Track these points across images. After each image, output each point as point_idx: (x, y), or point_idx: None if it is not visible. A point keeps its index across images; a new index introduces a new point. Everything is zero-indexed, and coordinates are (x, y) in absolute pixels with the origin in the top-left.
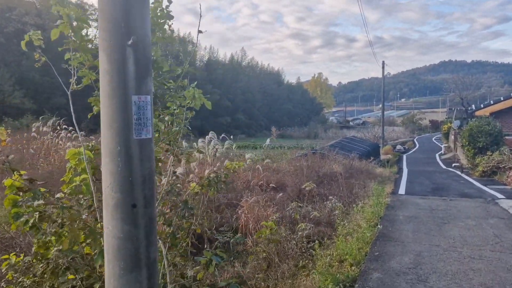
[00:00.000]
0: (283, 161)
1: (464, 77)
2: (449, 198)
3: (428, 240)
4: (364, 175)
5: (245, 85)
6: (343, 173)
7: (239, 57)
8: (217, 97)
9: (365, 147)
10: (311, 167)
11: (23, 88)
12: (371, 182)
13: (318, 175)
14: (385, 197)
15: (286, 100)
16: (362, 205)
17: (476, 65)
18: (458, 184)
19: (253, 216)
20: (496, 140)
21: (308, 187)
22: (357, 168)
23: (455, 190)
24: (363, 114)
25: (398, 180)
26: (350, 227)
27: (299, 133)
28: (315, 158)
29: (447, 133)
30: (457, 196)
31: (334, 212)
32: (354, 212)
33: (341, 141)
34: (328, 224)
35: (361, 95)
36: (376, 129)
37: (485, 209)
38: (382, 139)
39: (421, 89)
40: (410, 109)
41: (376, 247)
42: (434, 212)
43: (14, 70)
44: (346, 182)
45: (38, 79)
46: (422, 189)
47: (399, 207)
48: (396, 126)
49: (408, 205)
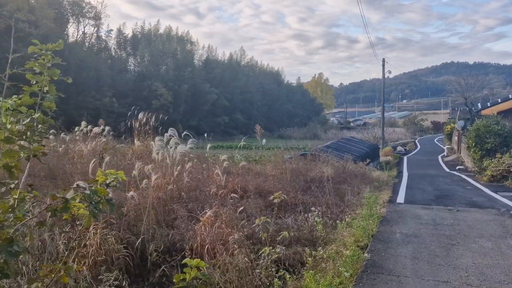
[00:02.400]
0: (269, 164)
1: (467, 77)
2: (456, 208)
3: (433, 272)
4: (358, 179)
5: (243, 85)
6: (335, 178)
7: (238, 56)
8: (214, 96)
9: (363, 148)
10: (297, 170)
11: (15, 87)
12: (367, 188)
13: (306, 180)
14: (381, 206)
15: (286, 100)
16: (353, 216)
17: (478, 67)
18: (464, 190)
19: (211, 234)
20: (506, 141)
21: (277, 199)
22: (351, 172)
23: (462, 198)
24: (364, 115)
25: (397, 185)
26: (333, 248)
27: (299, 133)
28: (306, 161)
29: (450, 134)
30: (465, 205)
31: (317, 227)
32: (341, 227)
33: (337, 141)
34: (309, 242)
35: (363, 96)
36: (376, 129)
37: (501, 224)
38: (382, 140)
39: (422, 91)
40: (411, 110)
41: (362, 285)
42: (439, 228)
43: (4, 67)
44: (337, 187)
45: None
46: (424, 196)
47: (396, 221)
48: (397, 127)
49: (407, 218)
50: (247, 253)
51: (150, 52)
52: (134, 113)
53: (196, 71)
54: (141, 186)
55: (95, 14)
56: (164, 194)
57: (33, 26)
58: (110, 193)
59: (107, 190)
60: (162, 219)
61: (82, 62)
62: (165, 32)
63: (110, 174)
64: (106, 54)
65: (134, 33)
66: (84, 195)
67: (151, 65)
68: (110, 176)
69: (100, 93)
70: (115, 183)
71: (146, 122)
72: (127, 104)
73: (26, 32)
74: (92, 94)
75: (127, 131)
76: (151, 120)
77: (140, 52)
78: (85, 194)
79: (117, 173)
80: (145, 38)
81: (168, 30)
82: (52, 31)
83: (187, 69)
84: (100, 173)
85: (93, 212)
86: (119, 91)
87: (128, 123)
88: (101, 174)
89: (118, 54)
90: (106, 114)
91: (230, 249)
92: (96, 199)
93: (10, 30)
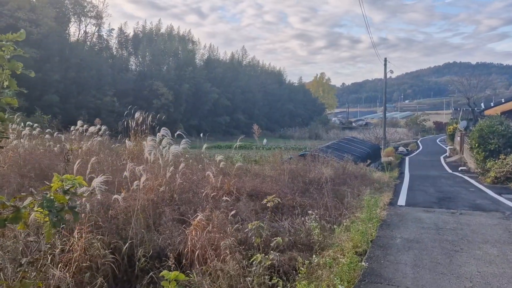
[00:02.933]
0: (268, 164)
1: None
2: (459, 211)
3: (435, 282)
4: (359, 180)
5: (245, 85)
6: (335, 179)
7: (239, 56)
8: (216, 96)
9: (365, 148)
10: (296, 171)
11: None
12: (367, 189)
13: (304, 181)
14: (381, 209)
15: (288, 100)
16: (352, 219)
17: (480, 67)
18: (467, 192)
19: (202, 239)
20: (510, 142)
21: (270, 203)
22: (352, 173)
23: (465, 201)
24: (366, 115)
25: (399, 186)
26: (330, 254)
27: (300, 133)
28: (305, 161)
29: (452, 134)
30: (468, 208)
31: (313, 231)
32: (338, 232)
33: (338, 142)
34: (306, 247)
35: (365, 96)
36: (377, 130)
37: (507, 229)
38: (383, 140)
39: (425, 91)
40: (413, 111)
41: None
42: (442, 233)
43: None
44: (337, 189)
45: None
46: (426, 198)
47: (397, 225)
48: (399, 127)
49: (408, 222)
50: (239, 260)
51: (151, 52)
52: (131, 112)
53: (197, 70)
54: (132, 188)
55: (96, 13)
56: (156, 196)
57: (34, 25)
58: (82, 199)
59: (75, 198)
60: (152, 223)
61: (83, 61)
62: (166, 32)
63: (67, 180)
64: (107, 54)
65: (136, 32)
66: (40, 203)
67: (152, 65)
68: (67, 182)
69: (100, 92)
70: (74, 190)
71: (143, 121)
72: (128, 104)
73: (27, 31)
74: (92, 94)
75: (124, 131)
76: (148, 119)
77: (141, 52)
78: (40, 202)
79: (75, 178)
80: (146, 38)
81: (170, 30)
82: (53, 30)
83: (188, 69)
84: (56, 178)
85: (53, 222)
86: (120, 91)
87: (125, 122)
88: (56, 179)
89: (119, 54)
90: (106, 114)
91: (221, 254)
92: (57, 207)
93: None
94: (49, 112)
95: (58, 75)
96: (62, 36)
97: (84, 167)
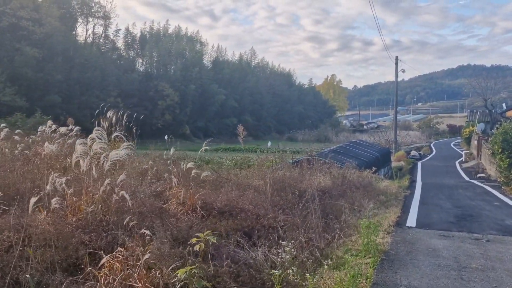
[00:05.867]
0: (256, 172)
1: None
2: (486, 236)
3: None
4: (361, 192)
5: (253, 86)
6: (332, 190)
7: (248, 57)
8: (223, 97)
9: (373, 152)
10: (284, 181)
11: (15, 85)
12: (370, 203)
13: (294, 192)
14: (385, 233)
15: (297, 102)
16: (347, 246)
17: (495, 69)
18: (492, 208)
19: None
20: None
21: (198, 246)
22: (353, 182)
23: (490, 220)
24: (378, 118)
25: (409, 199)
26: None
27: (309, 136)
28: (301, 168)
29: (468, 138)
30: (497, 232)
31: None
32: (321, 271)
33: (344, 145)
34: None
35: (377, 98)
36: (388, 132)
37: None
38: (394, 143)
39: (438, 94)
40: (427, 113)
41: None
42: (466, 277)
43: (6, 66)
44: (334, 204)
45: (32, 75)
46: (442, 217)
47: (403, 262)
48: (411, 130)
49: (419, 256)
50: None
51: (158, 52)
52: (103, 111)
53: (204, 71)
54: (51, 207)
55: (104, 14)
56: (78, 220)
57: (37, 24)
58: None
59: None
60: (62, 259)
61: (87, 62)
62: (174, 32)
63: None
64: (114, 54)
65: (143, 33)
66: None
67: (159, 65)
68: None
69: (104, 93)
70: None
71: (117, 121)
72: (133, 104)
73: (29, 31)
74: (96, 94)
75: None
76: (122, 119)
77: (148, 52)
78: None
79: None
80: (153, 38)
81: (177, 30)
82: (57, 29)
83: (194, 69)
84: None
85: None
86: (125, 91)
87: (95, 122)
88: None
89: (126, 54)
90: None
91: None
92: None
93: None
94: (51, 112)
95: (61, 75)
96: (66, 36)
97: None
